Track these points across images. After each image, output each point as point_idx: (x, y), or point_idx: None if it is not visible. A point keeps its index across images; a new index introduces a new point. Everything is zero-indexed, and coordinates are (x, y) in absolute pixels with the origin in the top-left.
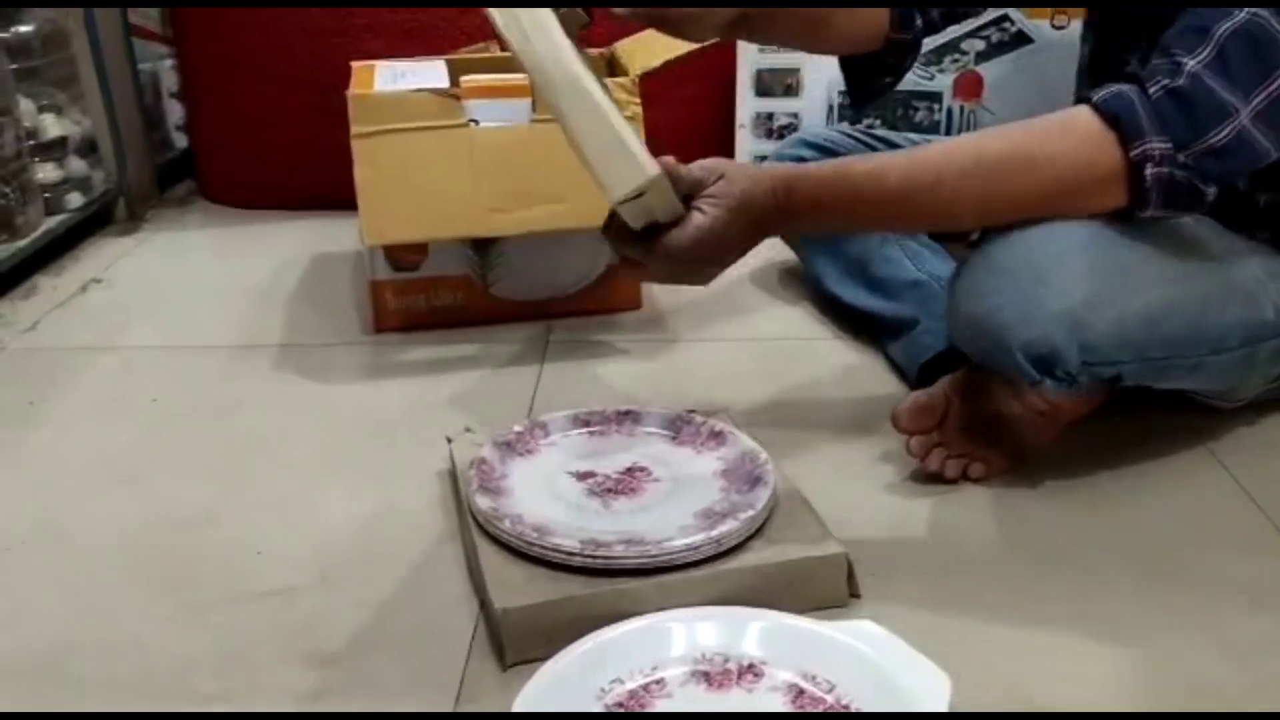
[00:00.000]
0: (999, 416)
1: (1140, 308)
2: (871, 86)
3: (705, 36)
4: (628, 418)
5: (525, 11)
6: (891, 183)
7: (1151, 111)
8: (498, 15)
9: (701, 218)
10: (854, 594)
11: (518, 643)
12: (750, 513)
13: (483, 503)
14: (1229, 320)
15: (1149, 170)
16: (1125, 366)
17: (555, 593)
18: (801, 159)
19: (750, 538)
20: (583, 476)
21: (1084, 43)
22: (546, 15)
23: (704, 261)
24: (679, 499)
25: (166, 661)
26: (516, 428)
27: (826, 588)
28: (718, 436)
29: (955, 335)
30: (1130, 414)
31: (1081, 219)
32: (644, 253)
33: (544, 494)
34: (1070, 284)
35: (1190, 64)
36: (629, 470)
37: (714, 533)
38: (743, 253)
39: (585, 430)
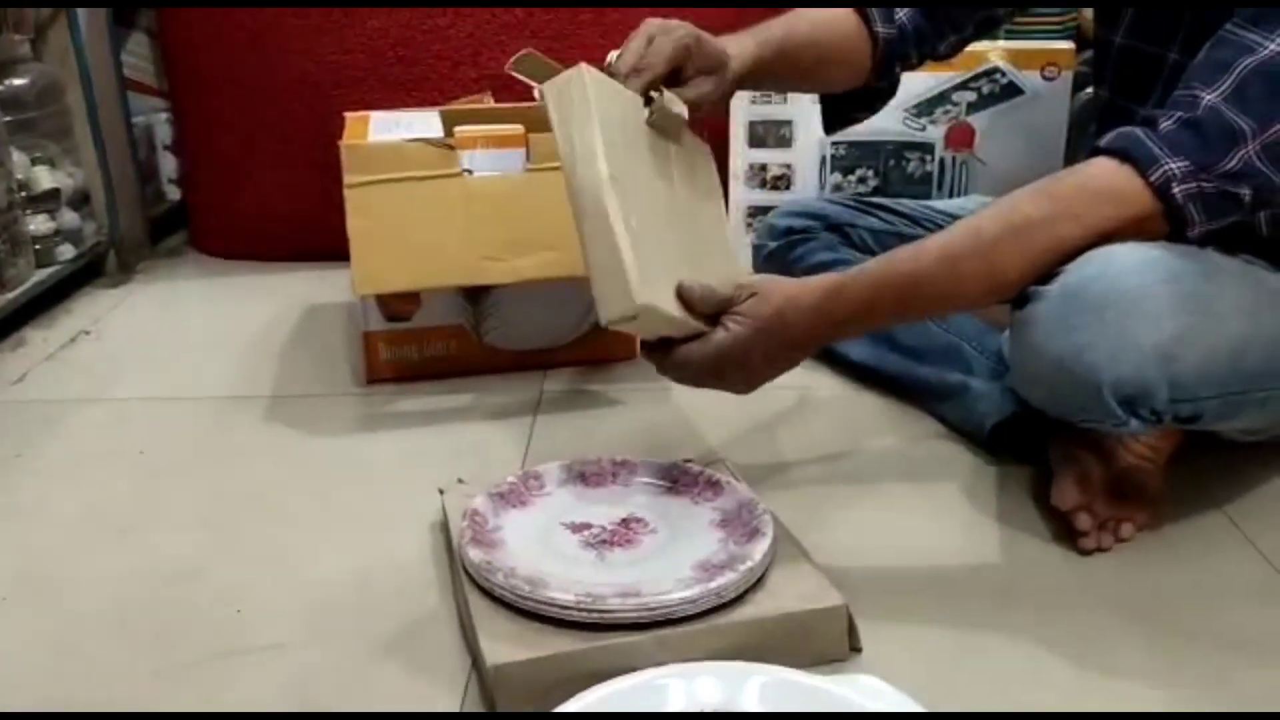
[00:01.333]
0: (1123, 471)
1: (1225, 342)
2: (846, 118)
3: (721, 98)
4: (623, 468)
5: (579, 103)
6: (932, 253)
7: (1160, 140)
8: (549, 95)
9: (723, 335)
10: (855, 647)
11: (510, 700)
12: (749, 564)
13: (475, 555)
14: None
15: (1176, 189)
16: (1208, 404)
17: (549, 648)
18: (792, 230)
19: (749, 590)
20: (578, 528)
21: (1095, 95)
22: (593, 110)
23: (725, 378)
24: (676, 551)
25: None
26: (510, 479)
27: (827, 641)
28: (714, 486)
29: (1028, 381)
30: None
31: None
32: (659, 360)
33: (538, 546)
34: (1160, 317)
35: (1208, 98)
36: (625, 522)
37: (712, 585)
38: (780, 368)
39: (580, 481)
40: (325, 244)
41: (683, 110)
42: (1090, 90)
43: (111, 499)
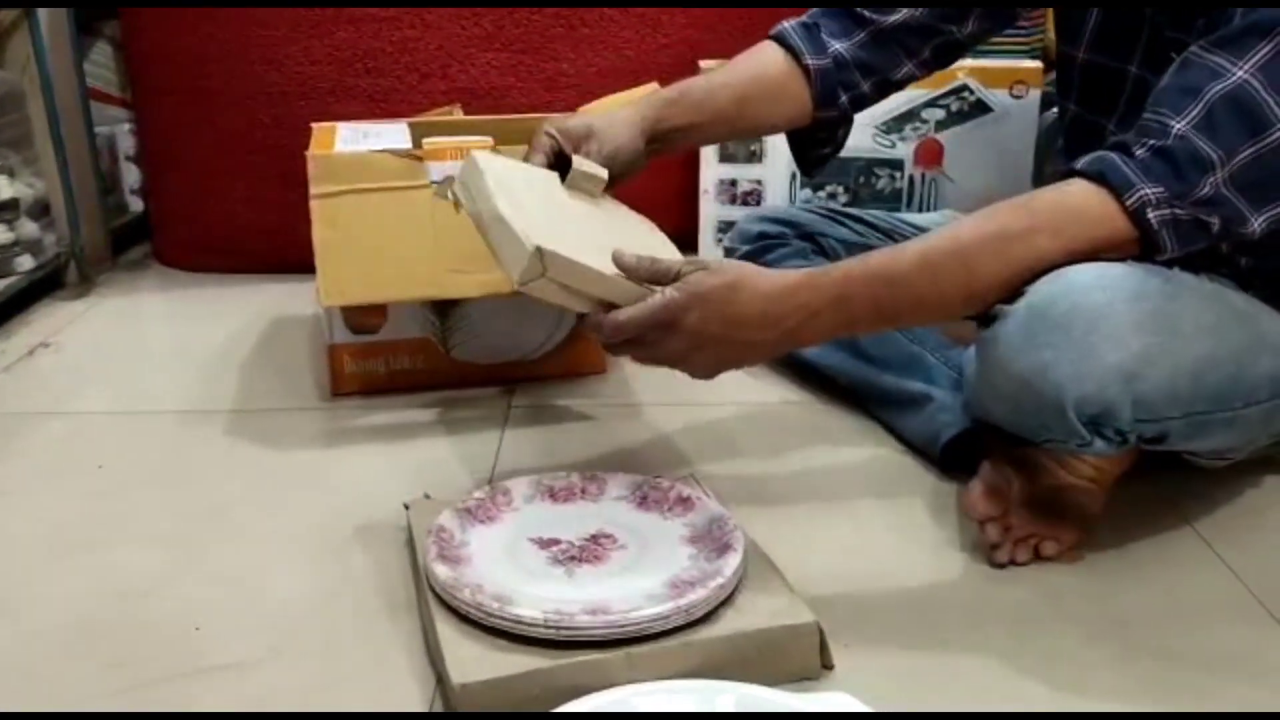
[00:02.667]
0: (1056, 489)
1: (1189, 360)
2: (813, 156)
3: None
4: (592, 483)
5: (473, 174)
6: (909, 256)
7: (1137, 166)
8: (457, 189)
9: (659, 298)
10: (826, 665)
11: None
12: (719, 581)
13: (441, 571)
14: (1261, 372)
15: (1152, 215)
16: (1173, 424)
17: (517, 666)
18: (764, 235)
19: (720, 606)
20: (546, 544)
21: (1060, 111)
22: (483, 171)
23: (666, 348)
24: (646, 567)
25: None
26: (477, 494)
27: (799, 658)
28: (685, 502)
29: (990, 399)
30: None
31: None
32: (596, 327)
33: (505, 562)
34: (1124, 335)
35: (1178, 126)
36: (594, 537)
37: (683, 602)
38: (735, 353)
39: (549, 497)
40: (291, 256)
41: (598, 171)
42: (1055, 110)
43: (69, 515)
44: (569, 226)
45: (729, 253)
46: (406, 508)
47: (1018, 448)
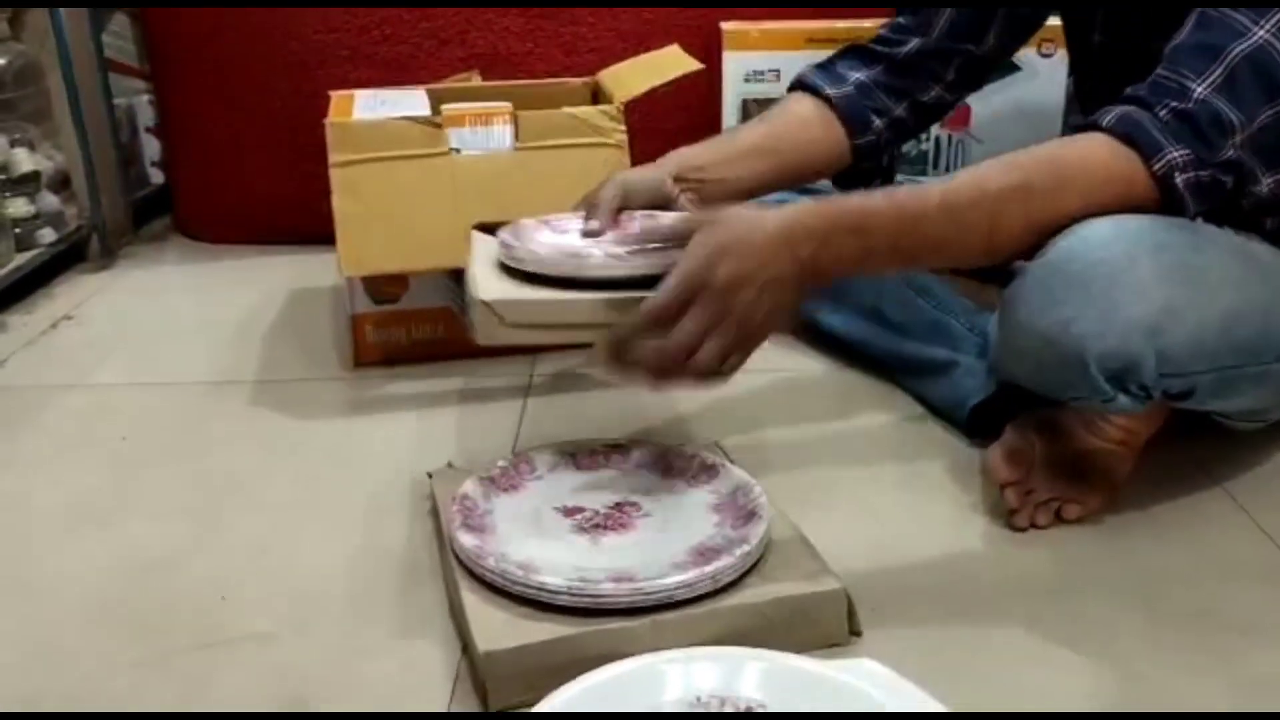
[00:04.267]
0: (1083, 453)
1: (1215, 314)
2: (855, 180)
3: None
4: (616, 451)
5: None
6: (934, 196)
7: (1163, 128)
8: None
9: (676, 267)
10: (855, 631)
11: (502, 687)
12: (746, 548)
13: (465, 540)
14: None
15: (1179, 179)
16: (1200, 378)
17: (542, 634)
18: (784, 201)
19: (745, 574)
20: (570, 512)
21: (1077, 85)
22: (473, 257)
23: (698, 318)
24: (671, 534)
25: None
26: (501, 463)
27: (826, 626)
28: (709, 470)
29: (1013, 359)
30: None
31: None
32: (614, 339)
33: (529, 531)
34: (1147, 288)
35: (1199, 90)
36: (618, 505)
37: (708, 569)
38: (761, 292)
39: (572, 465)
40: (311, 227)
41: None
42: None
43: (93, 487)
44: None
45: None
46: (430, 477)
47: (1044, 411)
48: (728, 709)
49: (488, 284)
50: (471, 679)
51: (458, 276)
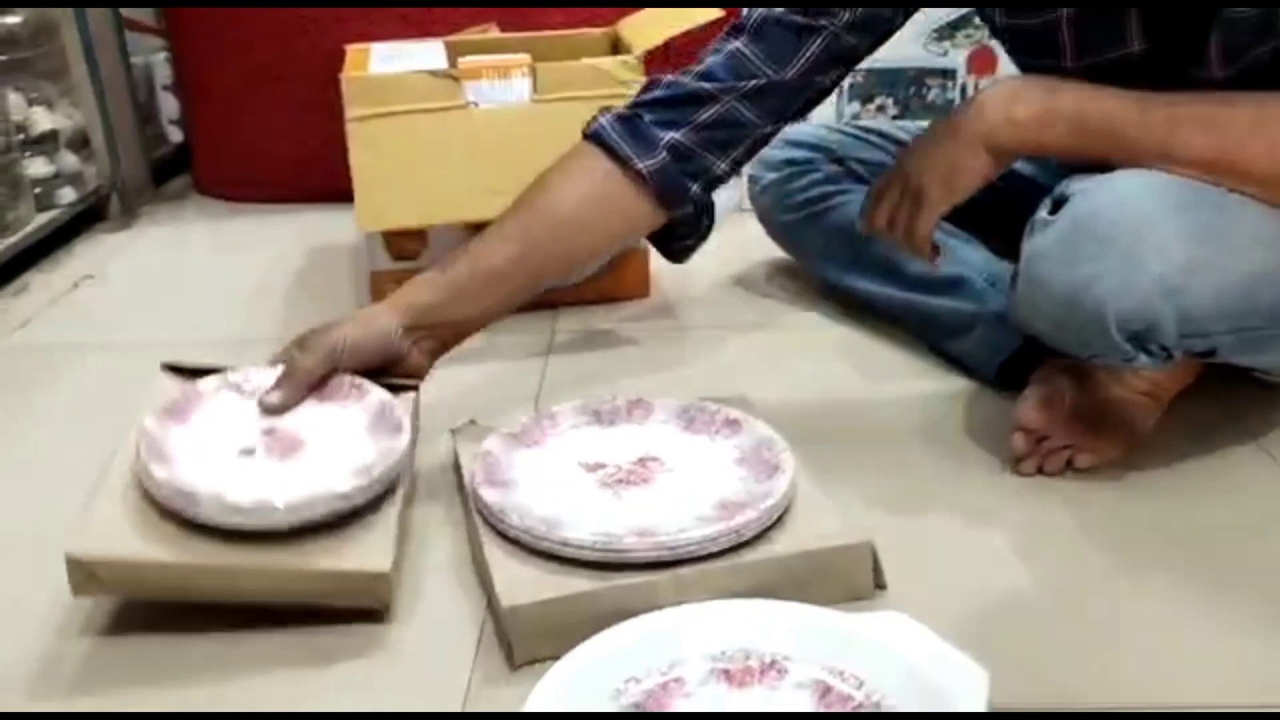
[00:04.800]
0: (1107, 403)
1: (1238, 274)
2: (676, 249)
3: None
4: (638, 407)
5: None
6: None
7: None
8: None
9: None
10: (880, 585)
11: (527, 642)
12: (770, 502)
13: (489, 496)
14: None
15: None
16: (1222, 338)
17: (566, 589)
18: (791, 161)
19: (769, 529)
20: (593, 468)
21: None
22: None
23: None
24: (694, 489)
25: (159, 667)
26: (523, 419)
27: (851, 579)
28: (733, 424)
29: (1031, 316)
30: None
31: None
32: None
33: (552, 486)
34: (1168, 247)
35: None
36: (641, 461)
37: (733, 523)
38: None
39: (595, 421)
40: (331, 184)
41: None
42: None
43: (114, 445)
44: None
45: (754, 181)
46: (453, 433)
47: (1069, 359)
48: (752, 663)
49: (100, 525)
50: (496, 634)
51: (478, 231)
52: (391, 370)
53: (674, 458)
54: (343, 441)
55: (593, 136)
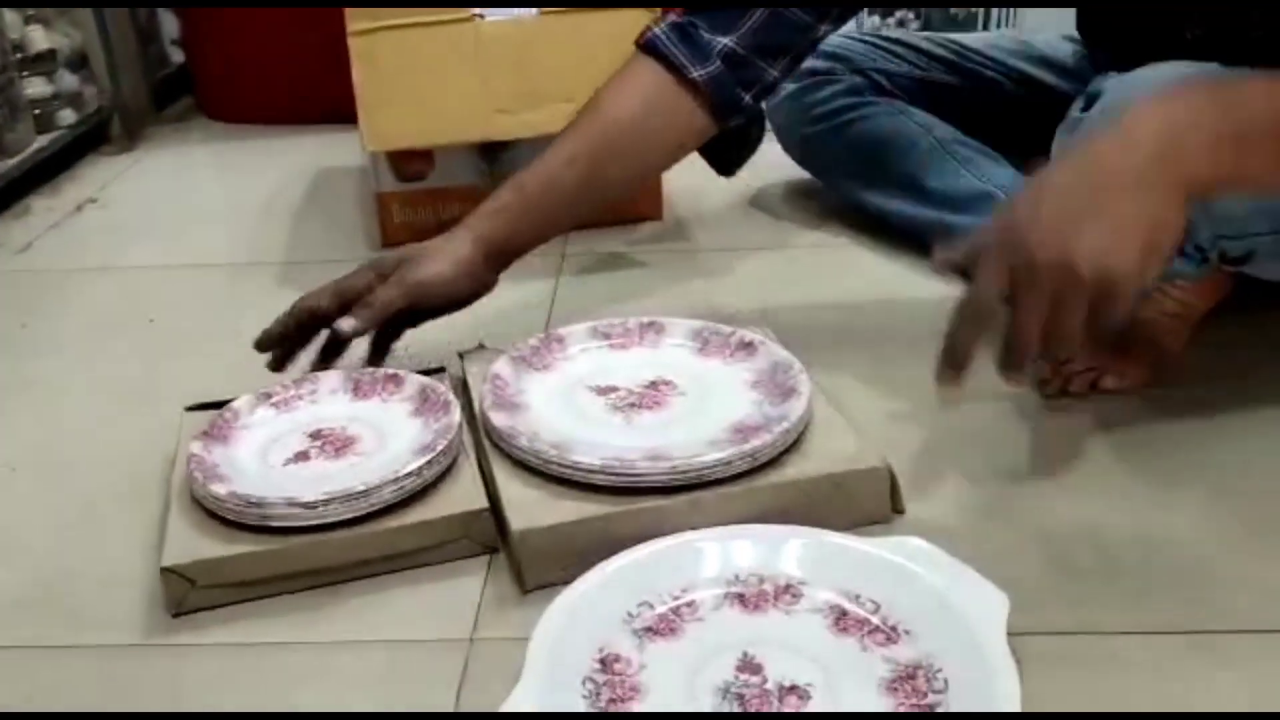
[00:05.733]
0: (1133, 323)
1: None
2: (726, 160)
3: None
4: (650, 329)
5: None
6: None
7: None
8: None
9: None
10: (898, 509)
11: (537, 566)
12: (785, 425)
13: (497, 419)
14: None
15: None
16: (1260, 240)
17: (576, 513)
18: (813, 71)
19: (785, 452)
20: (604, 391)
21: None
22: None
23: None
24: (707, 412)
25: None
26: (532, 341)
27: (867, 503)
28: (747, 347)
29: None
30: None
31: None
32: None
33: (562, 409)
34: None
35: None
36: (653, 384)
37: (746, 446)
38: (1109, 195)
39: (606, 343)
40: (336, 104)
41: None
42: None
43: (122, 370)
44: None
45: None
46: (461, 356)
47: None
48: (766, 587)
49: (181, 537)
50: (507, 559)
51: (485, 152)
52: (468, 302)
53: (687, 381)
54: (394, 429)
55: (646, 46)
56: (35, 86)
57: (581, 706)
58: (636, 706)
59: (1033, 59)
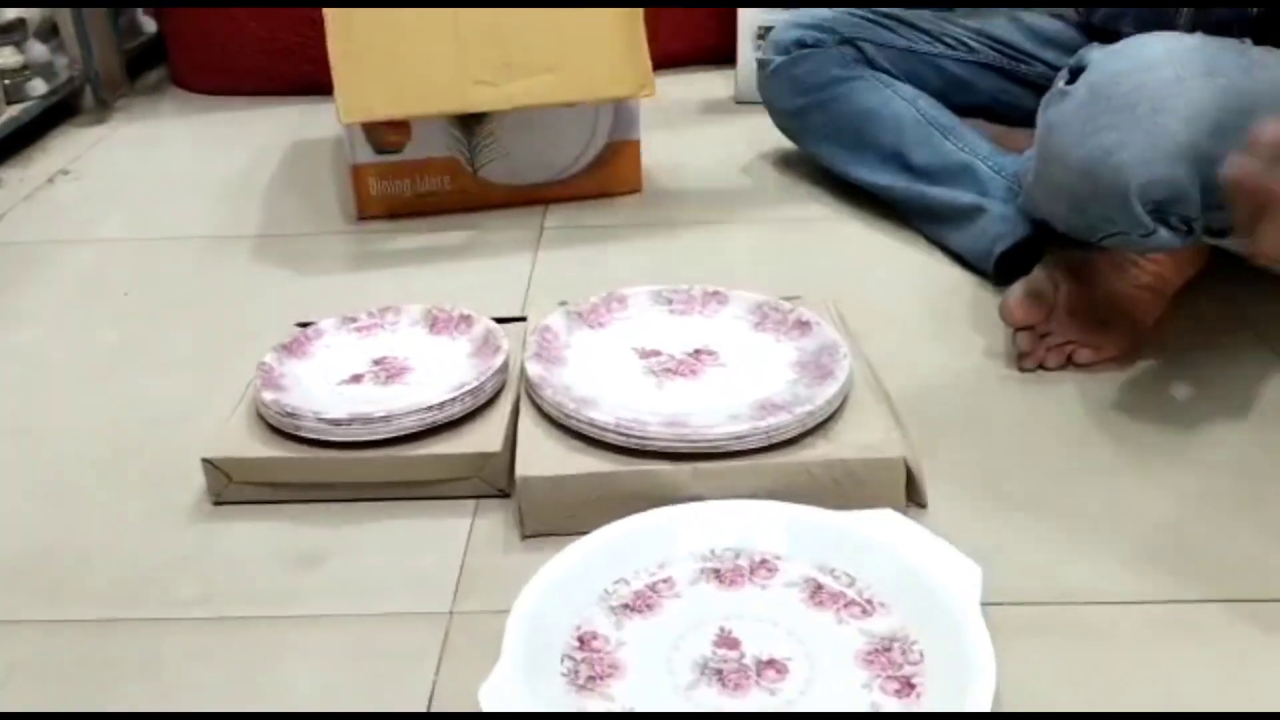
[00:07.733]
0: (1108, 297)
1: None
2: None
3: None
4: (714, 299)
5: None
6: None
7: None
8: None
9: None
10: (918, 502)
11: (536, 513)
12: (808, 407)
13: (532, 369)
14: None
15: None
16: None
17: (581, 467)
18: (801, 42)
19: (808, 434)
20: (646, 354)
21: None
22: None
23: None
24: (739, 387)
25: (144, 565)
26: (594, 299)
27: (880, 492)
28: (803, 326)
29: (1047, 194)
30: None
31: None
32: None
33: (600, 367)
34: (1196, 112)
35: None
36: (695, 352)
37: (763, 424)
38: None
39: (667, 308)
40: (310, 77)
41: None
42: None
43: (98, 342)
44: None
45: (763, 65)
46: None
47: (1072, 252)
48: (742, 562)
49: (229, 435)
50: (516, 502)
51: (463, 124)
52: None
53: (732, 353)
54: (448, 366)
55: None
56: (5, 57)
57: (561, 685)
58: (615, 684)
59: (1020, 30)
